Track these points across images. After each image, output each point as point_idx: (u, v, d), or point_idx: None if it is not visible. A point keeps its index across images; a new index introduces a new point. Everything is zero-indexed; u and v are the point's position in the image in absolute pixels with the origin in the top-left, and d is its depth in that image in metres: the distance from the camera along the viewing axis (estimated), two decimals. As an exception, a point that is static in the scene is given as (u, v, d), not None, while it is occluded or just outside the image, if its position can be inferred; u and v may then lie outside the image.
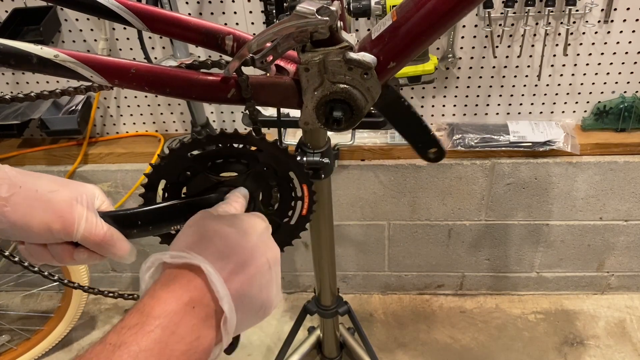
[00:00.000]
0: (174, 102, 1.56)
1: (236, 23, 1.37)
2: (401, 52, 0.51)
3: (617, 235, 1.65)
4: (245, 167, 0.56)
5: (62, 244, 0.51)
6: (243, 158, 0.56)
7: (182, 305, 0.40)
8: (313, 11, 0.47)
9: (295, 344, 1.50)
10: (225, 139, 0.54)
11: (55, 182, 0.50)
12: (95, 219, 0.51)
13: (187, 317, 0.40)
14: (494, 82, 1.44)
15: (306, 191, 0.59)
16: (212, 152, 0.55)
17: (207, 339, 0.41)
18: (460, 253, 1.74)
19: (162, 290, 0.41)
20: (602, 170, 1.49)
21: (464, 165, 1.51)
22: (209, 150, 0.55)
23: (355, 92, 0.52)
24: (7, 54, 0.49)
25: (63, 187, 0.50)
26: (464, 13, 0.50)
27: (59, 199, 0.49)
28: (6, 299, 1.95)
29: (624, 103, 1.41)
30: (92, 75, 0.51)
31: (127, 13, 0.56)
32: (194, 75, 0.53)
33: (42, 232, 0.49)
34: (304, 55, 0.51)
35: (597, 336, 1.69)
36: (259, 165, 0.56)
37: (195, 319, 0.40)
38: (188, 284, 0.42)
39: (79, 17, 1.40)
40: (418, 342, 1.72)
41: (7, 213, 0.47)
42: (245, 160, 0.56)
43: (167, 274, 0.43)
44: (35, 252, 0.52)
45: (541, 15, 1.30)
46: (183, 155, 0.54)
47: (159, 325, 0.38)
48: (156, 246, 2.03)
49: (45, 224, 0.48)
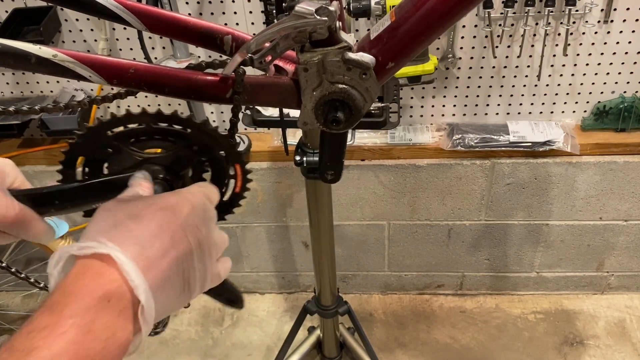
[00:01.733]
0: (174, 102, 1.56)
1: (236, 23, 1.37)
2: (400, 52, 0.51)
3: (617, 235, 1.65)
4: (172, 145, 0.55)
5: None
6: (170, 136, 0.55)
7: (96, 300, 0.37)
8: (312, 11, 0.47)
9: (295, 344, 1.50)
10: (147, 118, 0.53)
11: None
12: (5, 199, 0.48)
13: (102, 312, 0.37)
14: (494, 82, 1.44)
15: (239, 170, 0.58)
16: (137, 130, 0.54)
17: (124, 333, 0.38)
18: (460, 253, 1.74)
19: (74, 285, 0.38)
20: (602, 170, 1.49)
21: (464, 165, 1.51)
22: (133, 128, 0.53)
23: (354, 92, 0.52)
24: (5, 53, 0.49)
25: None
26: (463, 13, 0.49)
27: None
28: (6, 299, 1.95)
29: (624, 103, 1.41)
30: (90, 75, 0.51)
31: (126, 13, 0.56)
32: (192, 75, 0.53)
33: None
34: (302, 56, 0.51)
35: (597, 336, 1.69)
36: (186, 144, 0.55)
37: (110, 314, 0.37)
38: (100, 275, 0.38)
39: (79, 18, 1.40)
40: (418, 342, 1.72)
41: None
42: (173, 138, 0.55)
43: (78, 266, 0.40)
44: None
45: (541, 15, 1.30)
46: (101, 133, 0.53)
47: (73, 324, 0.35)
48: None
49: None
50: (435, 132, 1.51)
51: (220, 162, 0.57)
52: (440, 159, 1.51)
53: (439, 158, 1.51)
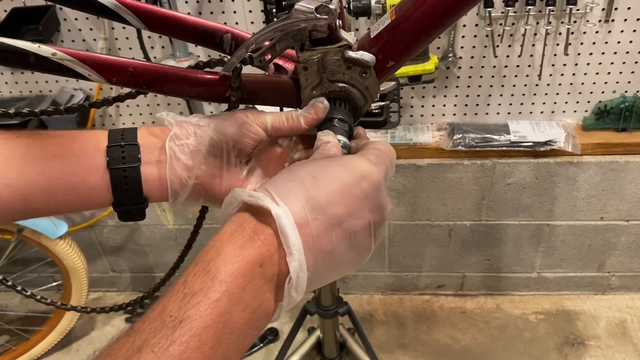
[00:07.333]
0: (174, 102, 1.55)
1: (236, 22, 1.37)
2: (400, 50, 0.51)
3: (618, 236, 1.64)
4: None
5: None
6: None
7: (250, 264, 0.34)
8: (312, 9, 0.46)
9: (295, 344, 1.50)
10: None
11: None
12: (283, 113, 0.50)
13: (253, 279, 0.34)
14: (495, 82, 1.43)
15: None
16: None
17: (270, 303, 0.36)
18: (460, 253, 1.74)
19: (229, 243, 0.35)
20: (603, 170, 1.48)
21: (465, 165, 1.50)
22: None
23: (354, 91, 0.52)
24: (4, 52, 0.48)
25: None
26: (463, 11, 0.49)
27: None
28: (5, 299, 1.95)
29: (625, 103, 1.41)
30: (89, 73, 0.50)
31: (125, 12, 0.56)
32: (192, 74, 0.52)
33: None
34: (302, 54, 0.51)
35: (598, 336, 1.69)
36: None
37: (261, 281, 0.35)
38: (255, 234, 0.36)
39: (78, 17, 1.40)
40: (418, 343, 1.71)
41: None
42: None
43: (237, 219, 0.37)
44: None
45: (542, 14, 1.30)
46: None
47: (226, 292, 0.33)
48: (155, 246, 2.02)
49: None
50: (436, 131, 1.51)
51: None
52: (440, 158, 1.50)
53: (440, 158, 1.50)
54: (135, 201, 0.48)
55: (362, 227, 0.39)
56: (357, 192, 0.39)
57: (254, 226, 0.36)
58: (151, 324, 0.32)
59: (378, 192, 0.40)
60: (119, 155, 0.47)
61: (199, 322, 0.32)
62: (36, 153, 0.45)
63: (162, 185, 0.48)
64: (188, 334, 0.31)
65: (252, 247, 0.35)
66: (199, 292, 0.33)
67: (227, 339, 0.33)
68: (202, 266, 0.34)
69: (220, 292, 0.33)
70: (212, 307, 0.32)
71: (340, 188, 0.38)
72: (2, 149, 0.44)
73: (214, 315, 0.32)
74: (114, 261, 1.88)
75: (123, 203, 0.48)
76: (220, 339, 0.33)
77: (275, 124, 0.50)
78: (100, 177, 0.46)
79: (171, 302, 0.33)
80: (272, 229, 0.36)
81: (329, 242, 0.37)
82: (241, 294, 0.34)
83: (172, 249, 1.80)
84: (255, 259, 0.35)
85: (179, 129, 0.49)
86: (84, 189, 0.46)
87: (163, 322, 0.32)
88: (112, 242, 1.82)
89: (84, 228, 1.75)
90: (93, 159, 0.47)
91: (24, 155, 0.44)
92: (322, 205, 0.37)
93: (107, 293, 1.99)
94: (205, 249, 0.36)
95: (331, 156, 0.43)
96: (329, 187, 0.38)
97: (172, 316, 0.32)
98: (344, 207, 0.38)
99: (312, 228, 0.36)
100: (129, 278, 1.94)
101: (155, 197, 0.49)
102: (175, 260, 0.72)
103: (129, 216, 0.49)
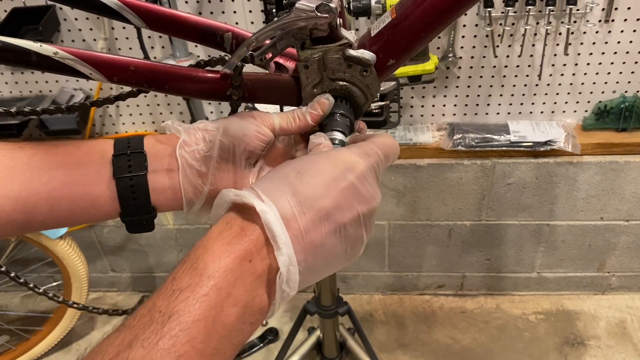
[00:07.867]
0: (174, 101, 1.55)
1: (236, 22, 1.37)
2: (400, 49, 0.51)
3: (618, 236, 1.64)
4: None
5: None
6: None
7: (238, 260, 0.34)
8: (312, 8, 0.46)
9: (295, 344, 1.50)
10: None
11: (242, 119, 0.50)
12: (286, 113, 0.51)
13: (243, 275, 0.34)
14: (495, 82, 1.44)
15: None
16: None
17: (263, 299, 0.36)
18: (460, 253, 1.74)
19: (217, 240, 0.36)
20: (603, 170, 1.48)
21: (465, 165, 1.50)
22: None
23: (355, 89, 0.52)
24: (6, 50, 0.48)
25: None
26: (462, 10, 0.49)
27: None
28: (5, 299, 1.94)
29: (625, 103, 1.41)
30: (91, 72, 0.50)
31: (125, 10, 0.56)
32: (193, 72, 0.52)
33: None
34: (303, 53, 0.51)
35: (598, 336, 1.69)
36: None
37: (251, 276, 0.35)
38: (242, 230, 0.36)
39: (78, 17, 1.40)
40: (418, 343, 1.71)
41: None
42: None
43: (224, 219, 0.37)
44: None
45: (542, 14, 1.30)
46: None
47: (214, 286, 0.33)
48: (155, 246, 2.02)
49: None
50: (436, 131, 1.51)
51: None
52: (440, 158, 1.50)
53: (440, 158, 1.50)
54: (142, 211, 0.47)
55: (352, 218, 0.39)
56: (343, 184, 0.39)
57: (241, 223, 0.37)
58: (141, 320, 0.32)
59: (365, 183, 0.40)
60: (125, 164, 0.46)
61: (188, 317, 0.32)
62: (40, 163, 0.44)
63: (176, 195, 0.48)
64: (177, 328, 0.31)
65: (240, 243, 0.35)
66: (187, 288, 0.33)
67: (218, 333, 0.33)
68: (190, 263, 0.35)
69: (209, 287, 0.33)
70: (200, 302, 0.33)
71: (325, 181, 0.38)
72: (5, 159, 0.43)
73: (202, 309, 0.33)
74: (114, 261, 1.88)
75: (130, 214, 0.47)
76: (211, 333, 0.33)
77: (283, 125, 0.50)
78: (105, 187, 0.46)
79: (160, 298, 0.33)
80: (259, 225, 0.36)
81: (319, 235, 0.37)
82: (230, 289, 0.34)
83: (172, 249, 1.80)
84: (243, 255, 0.35)
85: (187, 135, 0.48)
86: (89, 199, 0.45)
87: (152, 317, 0.32)
88: (112, 242, 1.82)
89: (84, 228, 1.75)
90: (98, 168, 0.46)
91: (27, 166, 0.43)
92: (309, 199, 0.37)
93: (107, 293, 1.99)
94: (193, 248, 0.36)
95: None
96: (313, 180, 0.38)
97: (161, 312, 0.32)
98: (331, 199, 0.38)
99: (300, 222, 0.36)
100: (129, 278, 1.94)
101: (166, 207, 0.48)
102: (176, 261, 0.72)
103: (138, 227, 0.48)
